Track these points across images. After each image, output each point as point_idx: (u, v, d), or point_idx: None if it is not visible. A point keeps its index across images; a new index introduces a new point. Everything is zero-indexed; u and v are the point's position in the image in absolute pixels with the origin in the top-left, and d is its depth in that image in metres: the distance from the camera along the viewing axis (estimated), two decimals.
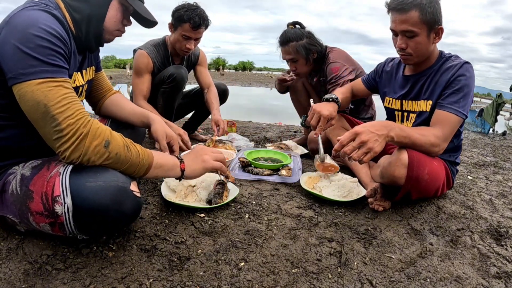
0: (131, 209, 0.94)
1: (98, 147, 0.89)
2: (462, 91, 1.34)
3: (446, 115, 1.34)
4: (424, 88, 1.48)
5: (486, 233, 1.31)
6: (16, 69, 0.84)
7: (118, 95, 1.43)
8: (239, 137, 2.56)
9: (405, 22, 1.34)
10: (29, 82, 0.84)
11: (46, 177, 0.91)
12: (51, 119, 0.85)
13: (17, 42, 0.84)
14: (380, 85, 1.72)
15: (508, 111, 11.03)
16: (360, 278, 0.97)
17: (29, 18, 0.88)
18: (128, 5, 1.11)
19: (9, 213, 0.96)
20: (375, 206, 1.39)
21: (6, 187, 0.96)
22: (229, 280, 0.92)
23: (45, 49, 0.86)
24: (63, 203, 0.86)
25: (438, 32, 1.38)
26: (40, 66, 0.85)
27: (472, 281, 1.01)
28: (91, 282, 0.87)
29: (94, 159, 0.89)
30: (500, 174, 2.23)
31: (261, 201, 1.42)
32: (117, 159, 0.92)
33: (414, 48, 1.38)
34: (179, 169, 1.08)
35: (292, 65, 2.15)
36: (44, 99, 0.84)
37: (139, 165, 0.96)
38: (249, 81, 26.70)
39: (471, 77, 1.37)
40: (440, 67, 1.44)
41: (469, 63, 1.39)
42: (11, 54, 0.84)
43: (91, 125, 0.89)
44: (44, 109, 0.85)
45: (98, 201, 0.86)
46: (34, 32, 0.86)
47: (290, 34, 2.06)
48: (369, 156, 1.18)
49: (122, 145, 0.93)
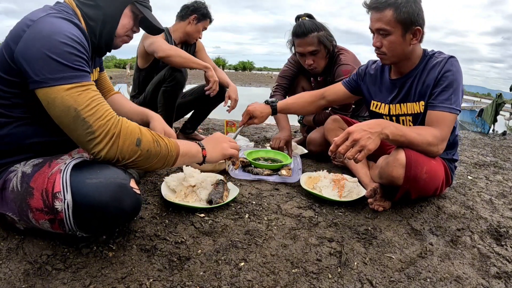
0: (131, 206, 0.94)
1: (131, 146, 0.93)
2: (452, 87, 1.34)
3: (440, 114, 1.33)
4: (412, 90, 1.46)
5: (486, 233, 1.31)
6: (44, 73, 0.86)
7: (118, 95, 1.45)
8: (239, 137, 2.56)
9: (380, 20, 1.35)
10: (58, 88, 0.87)
11: (47, 174, 0.92)
12: (82, 122, 0.88)
13: (43, 47, 0.86)
14: (364, 87, 1.69)
15: (508, 111, 11.03)
16: (360, 278, 0.97)
17: (54, 26, 0.90)
18: (139, 12, 1.15)
19: (8, 210, 0.96)
20: (375, 206, 1.39)
21: (6, 184, 0.96)
22: (229, 280, 0.92)
23: (71, 55, 0.89)
24: (63, 199, 0.87)
25: (416, 33, 1.37)
26: (68, 72, 0.88)
27: (472, 281, 1.01)
28: (91, 282, 0.87)
29: (127, 157, 0.93)
30: (500, 174, 2.23)
31: (261, 201, 1.42)
32: (148, 155, 0.96)
33: (388, 47, 1.38)
34: (201, 155, 1.14)
35: (310, 58, 2.02)
36: (74, 104, 0.87)
37: (168, 157, 1.01)
38: (249, 81, 26.71)
39: (457, 71, 1.36)
40: (425, 66, 1.43)
41: (454, 57, 1.38)
42: (37, 59, 0.86)
43: (122, 124, 0.92)
44: (74, 113, 0.87)
45: (98, 197, 0.87)
46: (60, 39, 0.88)
47: (309, 25, 1.96)
48: (363, 154, 1.18)
49: (151, 140, 0.97)
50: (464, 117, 7.45)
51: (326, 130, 1.86)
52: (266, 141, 2.72)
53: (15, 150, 0.99)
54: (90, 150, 0.91)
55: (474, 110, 7.19)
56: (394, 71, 1.54)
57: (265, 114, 1.78)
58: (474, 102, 29.25)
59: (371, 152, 1.19)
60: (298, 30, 1.97)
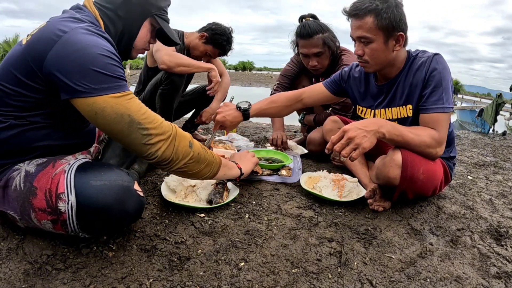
0: (135, 208, 0.95)
1: (185, 147, 1.00)
2: (441, 86, 1.31)
3: (435, 117, 1.31)
4: (398, 94, 1.44)
5: (486, 233, 1.31)
6: (86, 84, 0.86)
7: None
8: (239, 137, 2.56)
9: (360, 28, 1.31)
10: (105, 97, 0.88)
11: (51, 174, 0.92)
12: (138, 126, 0.91)
13: (81, 59, 0.86)
14: (349, 90, 1.67)
15: (508, 111, 11.04)
16: (360, 278, 0.97)
17: (88, 39, 0.90)
18: (157, 25, 1.15)
19: (10, 209, 0.96)
20: (375, 207, 1.39)
21: (9, 182, 0.96)
22: (229, 280, 0.92)
23: (112, 66, 0.91)
24: (67, 200, 0.87)
25: (399, 39, 1.33)
26: (113, 82, 0.90)
27: (472, 281, 1.01)
28: (91, 282, 0.87)
29: (181, 157, 0.99)
30: (500, 174, 2.23)
31: (261, 201, 1.42)
32: (198, 158, 1.04)
33: (370, 55, 1.35)
34: (237, 168, 1.29)
35: (314, 59, 2.01)
36: (127, 111, 0.90)
37: (213, 164, 1.10)
38: (249, 81, 26.71)
39: (444, 68, 1.33)
40: (410, 68, 1.40)
41: (438, 54, 1.36)
42: (76, 71, 0.86)
43: (175, 127, 1.00)
44: (129, 119, 0.90)
45: (102, 199, 0.87)
46: (97, 51, 0.89)
47: (314, 26, 1.94)
48: (358, 152, 1.17)
49: (200, 146, 1.06)
50: (464, 117, 7.45)
51: (325, 131, 1.86)
52: (266, 141, 2.72)
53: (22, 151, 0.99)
54: (146, 151, 0.94)
55: (474, 110, 7.19)
56: (380, 76, 1.52)
57: (236, 122, 1.69)
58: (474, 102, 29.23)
59: (366, 150, 1.18)
60: (303, 31, 1.95)
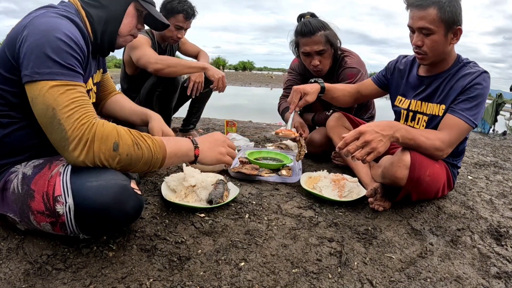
0: (133, 207, 0.94)
1: (108, 151, 0.86)
2: (476, 100, 1.33)
3: (456, 121, 1.33)
4: (438, 91, 1.45)
5: (486, 233, 1.31)
6: (32, 67, 0.84)
7: (119, 96, 1.45)
8: (239, 137, 2.56)
9: (423, 19, 1.31)
10: (42, 83, 0.84)
11: (47, 176, 0.91)
12: (57, 125, 0.84)
13: (38, 41, 0.85)
14: (392, 82, 1.68)
15: (508, 111, 11.02)
16: (360, 278, 0.97)
17: (50, 22, 0.89)
18: (143, 9, 1.13)
19: (9, 211, 0.96)
20: (375, 206, 1.39)
21: (7, 185, 0.96)
22: (229, 280, 0.92)
23: (63, 52, 0.87)
24: (65, 202, 0.86)
25: (456, 33, 1.35)
26: (55, 68, 0.85)
27: (472, 281, 1.01)
28: (91, 282, 0.87)
29: (106, 163, 0.88)
30: (500, 174, 2.23)
31: (261, 201, 1.42)
32: (129, 159, 0.89)
33: (430, 46, 1.35)
34: (193, 154, 1.05)
35: (317, 58, 1.95)
36: (53, 103, 0.83)
37: (152, 160, 0.93)
38: (249, 81, 26.71)
39: (487, 87, 1.35)
40: (457, 72, 1.41)
41: (487, 72, 1.37)
42: (31, 53, 0.85)
43: (96, 129, 0.86)
44: (52, 113, 0.84)
45: (100, 200, 0.86)
46: (56, 34, 0.87)
47: (315, 23, 1.89)
48: (372, 156, 1.18)
49: (131, 144, 0.89)
50: None
51: (329, 128, 1.85)
52: (266, 141, 2.72)
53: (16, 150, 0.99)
54: (64, 156, 0.87)
55: None
56: (424, 68, 1.52)
57: (315, 89, 1.64)
58: None
59: (380, 155, 1.19)
60: (304, 29, 1.89)
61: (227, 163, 1.15)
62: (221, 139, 1.14)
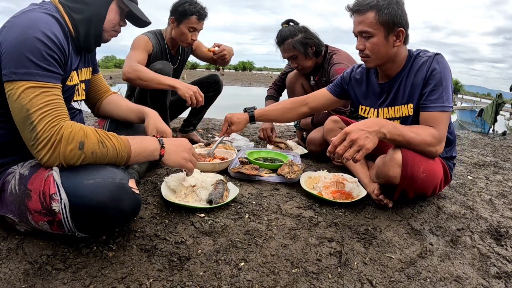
0: (130, 206, 0.94)
1: (74, 151, 0.89)
2: (441, 85, 1.33)
3: (434, 115, 1.33)
4: (400, 93, 1.45)
5: (486, 233, 1.31)
6: (10, 67, 0.86)
7: (115, 96, 1.45)
8: (239, 137, 2.56)
9: (362, 23, 1.36)
10: (18, 84, 0.86)
11: (43, 175, 0.92)
12: (30, 126, 0.87)
13: (15, 40, 0.87)
14: (351, 92, 1.69)
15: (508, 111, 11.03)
16: (360, 278, 0.97)
17: (30, 20, 0.90)
18: (125, 7, 1.16)
19: (8, 212, 0.96)
20: (386, 201, 1.40)
21: (5, 186, 0.96)
22: (229, 280, 0.92)
23: (41, 52, 0.89)
24: (59, 199, 0.87)
25: (399, 35, 1.36)
26: (32, 68, 0.87)
27: (472, 281, 1.01)
28: (91, 282, 0.87)
29: (71, 162, 0.90)
30: (500, 174, 2.23)
31: (261, 201, 1.42)
32: (94, 157, 0.92)
33: (371, 49, 1.38)
34: (158, 154, 1.07)
35: (293, 62, 2.18)
36: (27, 104, 0.87)
37: (117, 157, 0.96)
38: (249, 81, 26.72)
39: (445, 67, 1.35)
40: (412, 67, 1.42)
41: (439, 54, 1.38)
42: (7, 52, 0.87)
43: (64, 130, 0.89)
44: (26, 114, 0.87)
45: (96, 198, 0.87)
46: (33, 33, 0.88)
47: (285, 32, 2.10)
48: (361, 154, 1.18)
49: (96, 142, 0.92)
50: (464, 117, 7.44)
51: (325, 131, 1.86)
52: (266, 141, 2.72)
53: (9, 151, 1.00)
54: (34, 155, 0.90)
55: (474, 110, 7.19)
56: (381, 75, 1.53)
57: (242, 120, 1.80)
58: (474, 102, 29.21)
59: (369, 151, 1.19)
60: (276, 39, 2.15)
61: (188, 169, 1.18)
62: (188, 146, 1.17)
